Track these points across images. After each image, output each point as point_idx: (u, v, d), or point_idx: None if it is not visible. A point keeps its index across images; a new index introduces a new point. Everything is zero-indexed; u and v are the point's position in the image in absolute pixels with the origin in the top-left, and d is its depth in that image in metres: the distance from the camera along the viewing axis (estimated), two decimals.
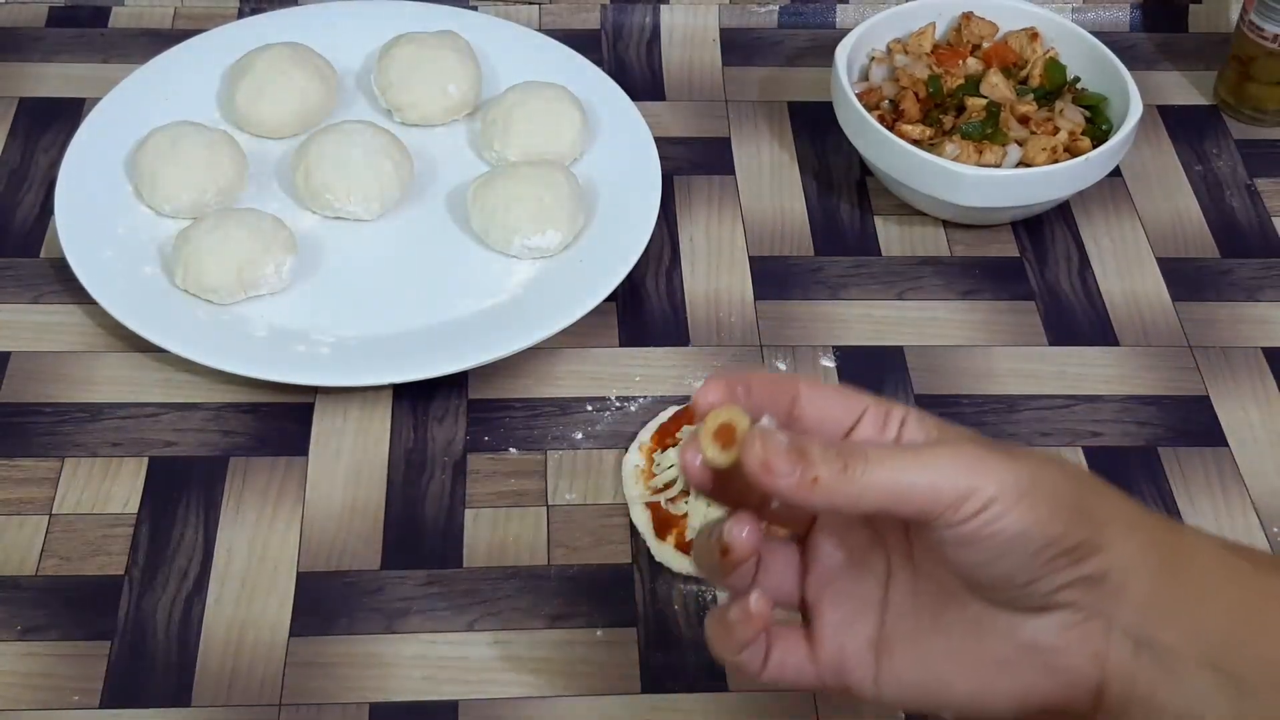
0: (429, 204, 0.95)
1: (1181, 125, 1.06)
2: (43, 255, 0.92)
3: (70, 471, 0.80)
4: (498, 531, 0.79)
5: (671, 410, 0.84)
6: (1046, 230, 0.98)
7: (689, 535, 0.77)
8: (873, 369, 0.88)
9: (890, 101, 0.98)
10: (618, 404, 0.86)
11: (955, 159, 0.92)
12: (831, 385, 0.55)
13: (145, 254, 0.89)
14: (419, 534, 0.79)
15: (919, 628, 0.54)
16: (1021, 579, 0.51)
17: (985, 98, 0.96)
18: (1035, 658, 0.53)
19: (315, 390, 0.85)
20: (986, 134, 0.94)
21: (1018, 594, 0.52)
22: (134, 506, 0.79)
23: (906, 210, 0.98)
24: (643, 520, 0.79)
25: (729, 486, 0.53)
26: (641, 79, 1.07)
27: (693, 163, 1.01)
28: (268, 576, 0.76)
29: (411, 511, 0.80)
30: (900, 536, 0.55)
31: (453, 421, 0.84)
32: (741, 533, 0.53)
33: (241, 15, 1.08)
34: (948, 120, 0.96)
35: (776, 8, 1.12)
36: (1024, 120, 0.96)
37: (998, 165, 0.92)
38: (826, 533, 0.56)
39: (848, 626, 0.55)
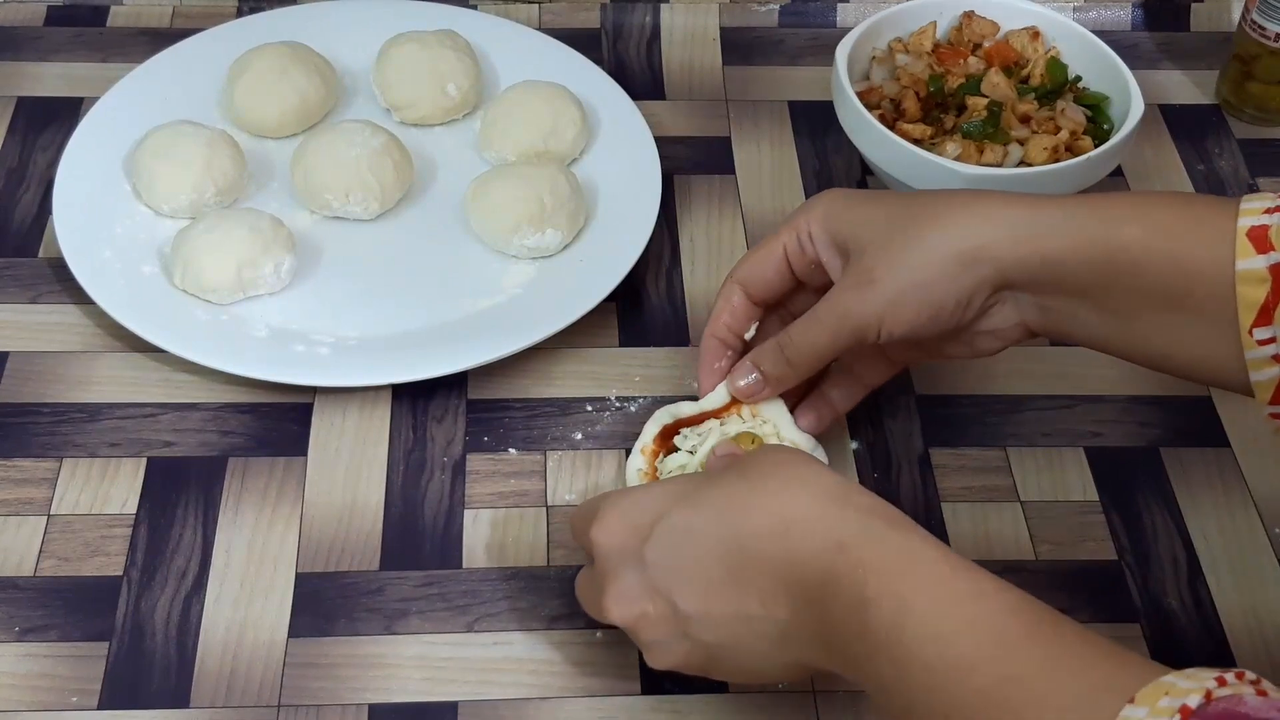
0: (429, 204, 0.95)
1: (1183, 124, 1.06)
2: (41, 255, 0.91)
3: (69, 472, 0.80)
4: (497, 532, 0.79)
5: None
6: None
7: None
8: None
9: (891, 101, 0.98)
10: (618, 404, 0.86)
11: (956, 158, 0.91)
12: (751, 264, 0.77)
13: (144, 254, 0.89)
14: (418, 534, 0.79)
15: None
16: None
17: (986, 97, 0.96)
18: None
19: (314, 390, 0.84)
20: (987, 133, 0.94)
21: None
22: (132, 507, 0.79)
23: None
24: None
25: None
26: (641, 79, 1.07)
27: (693, 163, 1.01)
28: (267, 577, 0.76)
29: (411, 512, 0.80)
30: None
31: (452, 421, 0.84)
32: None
33: (240, 14, 1.08)
34: (949, 119, 0.96)
35: (777, 7, 1.12)
36: (1025, 119, 0.95)
37: (999, 165, 0.92)
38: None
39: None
